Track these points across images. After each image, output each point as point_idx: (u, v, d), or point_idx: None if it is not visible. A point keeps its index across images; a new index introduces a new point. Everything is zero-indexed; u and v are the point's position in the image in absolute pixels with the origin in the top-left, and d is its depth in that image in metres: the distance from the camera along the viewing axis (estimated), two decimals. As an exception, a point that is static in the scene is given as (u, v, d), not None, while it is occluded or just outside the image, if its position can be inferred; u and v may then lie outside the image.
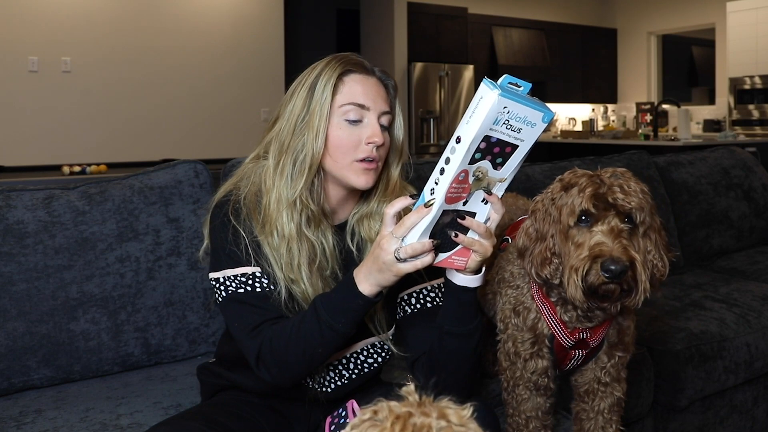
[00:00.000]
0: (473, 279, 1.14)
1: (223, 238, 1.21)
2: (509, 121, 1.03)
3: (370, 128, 1.21)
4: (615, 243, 1.10)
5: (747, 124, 7.47)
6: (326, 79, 1.20)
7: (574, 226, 1.15)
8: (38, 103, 5.64)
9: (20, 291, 1.50)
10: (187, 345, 1.69)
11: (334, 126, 1.20)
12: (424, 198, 1.07)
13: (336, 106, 1.20)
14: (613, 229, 1.12)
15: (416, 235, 1.06)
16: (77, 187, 1.66)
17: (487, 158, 1.05)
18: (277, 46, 6.76)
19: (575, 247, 1.14)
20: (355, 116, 1.20)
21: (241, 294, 1.19)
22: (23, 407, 1.45)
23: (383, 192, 1.29)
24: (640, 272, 1.10)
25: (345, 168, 1.21)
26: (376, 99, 1.22)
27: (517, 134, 1.04)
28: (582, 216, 1.14)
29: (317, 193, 1.24)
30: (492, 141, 1.03)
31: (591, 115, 9.09)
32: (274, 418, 1.28)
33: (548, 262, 1.19)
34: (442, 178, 1.04)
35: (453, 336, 1.16)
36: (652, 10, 8.87)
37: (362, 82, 1.22)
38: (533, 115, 1.04)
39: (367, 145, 1.20)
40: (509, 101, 1.01)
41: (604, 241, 1.11)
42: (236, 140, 6.40)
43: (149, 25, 6.11)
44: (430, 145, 7.35)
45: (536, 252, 1.21)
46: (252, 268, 1.20)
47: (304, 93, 1.22)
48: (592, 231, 1.13)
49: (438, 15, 7.58)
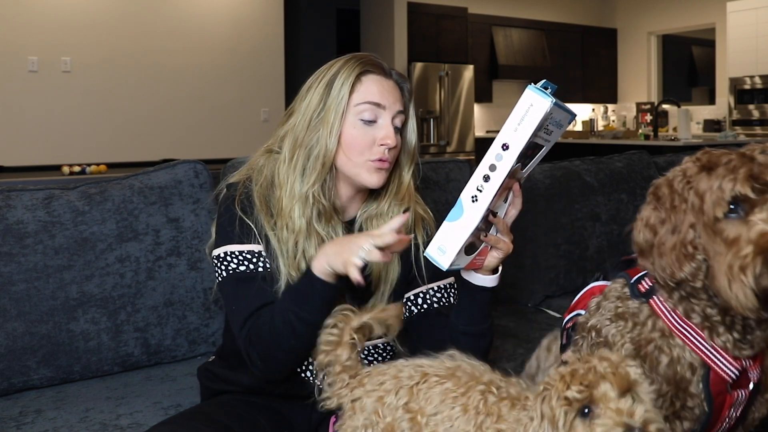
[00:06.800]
0: (491, 279, 1.15)
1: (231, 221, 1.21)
2: (548, 126, 1.03)
3: (384, 129, 1.21)
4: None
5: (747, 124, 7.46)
6: (344, 77, 1.21)
7: (723, 219, 0.91)
8: (38, 103, 5.64)
9: (20, 291, 1.50)
10: (187, 345, 1.69)
11: (348, 124, 1.21)
12: (461, 204, 1.04)
13: (352, 104, 1.21)
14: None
15: (460, 242, 1.03)
16: (77, 187, 1.66)
17: (522, 161, 1.06)
18: (277, 46, 6.76)
19: (728, 245, 0.90)
20: (370, 116, 1.21)
21: (242, 273, 1.19)
22: (23, 407, 1.44)
23: (394, 194, 1.30)
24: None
25: (357, 166, 1.21)
26: (391, 100, 1.23)
27: (548, 136, 1.06)
28: (733, 204, 0.91)
29: (329, 189, 1.24)
30: (529, 144, 1.03)
31: (591, 115, 9.09)
32: (275, 418, 1.28)
33: (689, 258, 0.94)
34: (487, 185, 1.02)
35: (467, 335, 1.17)
36: (652, 10, 8.86)
37: (379, 83, 1.23)
38: (564, 117, 1.05)
39: (380, 146, 1.21)
40: (554, 108, 1.01)
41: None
42: (236, 140, 6.40)
43: (149, 25, 6.11)
44: (430, 145, 7.34)
45: (668, 246, 0.95)
46: (258, 246, 1.20)
47: (321, 89, 1.22)
48: (749, 221, 0.89)
49: (438, 15, 7.58)
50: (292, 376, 1.25)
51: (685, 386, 0.98)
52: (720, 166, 0.93)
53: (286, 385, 1.26)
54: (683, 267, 0.94)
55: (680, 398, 0.98)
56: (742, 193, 0.89)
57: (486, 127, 8.49)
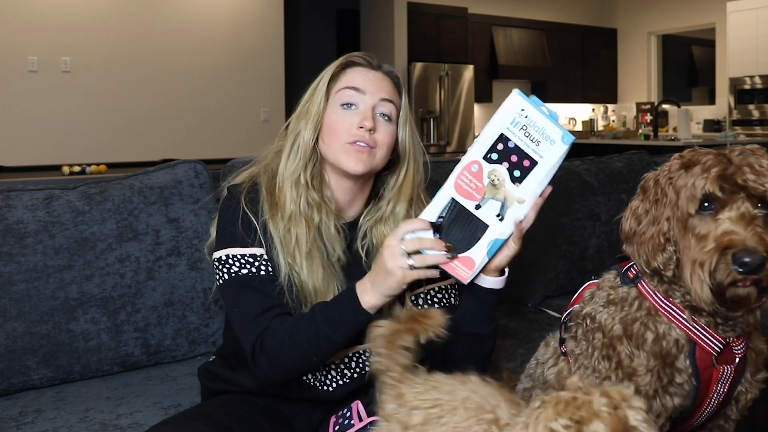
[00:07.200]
0: (499, 281, 1.15)
1: (233, 220, 1.22)
2: (527, 128, 1.06)
3: (362, 113, 1.23)
4: (748, 230, 0.91)
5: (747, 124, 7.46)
6: (330, 69, 1.27)
7: (696, 215, 0.97)
8: (38, 103, 5.64)
9: (20, 291, 1.50)
10: (187, 345, 1.69)
11: (329, 111, 1.25)
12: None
13: (333, 91, 1.26)
14: (744, 216, 0.93)
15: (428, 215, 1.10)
16: (77, 187, 1.66)
17: (504, 164, 1.07)
18: (277, 46, 6.75)
19: (697, 240, 0.95)
20: (348, 99, 1.24)
21: (244, 276, 1.19)
22: (23, 407, 1.44)
23: (395, 194, 1.30)
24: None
25: (337, 150, 1.23)
26: (373, 88, 1.25)
27: (536, 146, 1.07)
28: (705, 201, 0.96)
29: (318, 180, 1.26)
30: (509, 146, 1.07)
31: (591, 115, 9.09)
32: (275, 418, 1.28)
33: (661, 248, 1.01)
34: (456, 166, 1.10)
35: (473, 337, 1.17)
36: (652, 10, 8.86)
37: (362, 73, 1.27)
38: (552, 130, 1.07)
39: (359, 129, 1.22)
40: (527, 104, 1.06)
41: (734, 229, 0.92)
42: (236, 140, 6.39)
43: (149, 25, 6.11)
44: (431, 145, 7.34)
45: (647, 236, 1.03)
46: (260, 249, 1.21)
47: (312, 86, 1.28)
48: (717, 219, 0.95)
49: (438, 15, 7.58)
50: (295, 379, 1.25)
51: (671, 361, 1.03)
52: (698, 164, 0.98)
53: (287, 386, 1.26)
54: (656, 257, 1.01)
55: (667, 374, 1.03)
56: (711, 191, 0.95)
57: (486, 127, 8.48)
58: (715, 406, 1.09)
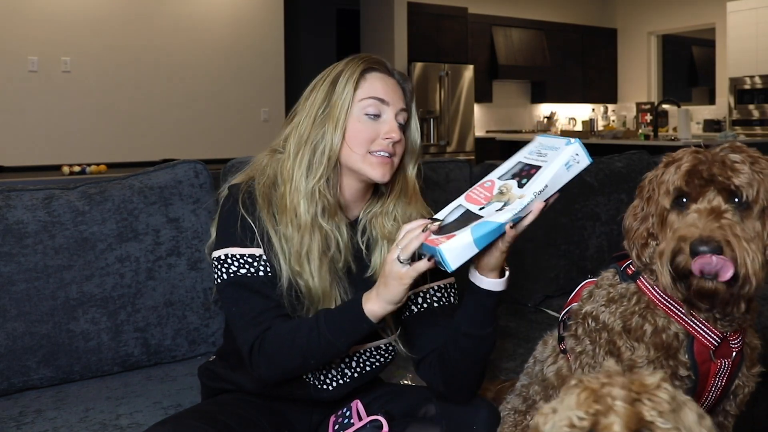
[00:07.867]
0: (498, 283, 1.15)
1: (233, 220, 1.22)
2: (540, 150, 1.13)
3: (388, 124, 1.24)
4: (707, 222, 0.94)
5: (747, 124, 7.46)
6: (349, 74, 1.25)
7: (671, 210, 1.02)
8: (38, 103, 5.63)
9: (20, 291, 1.50)
10: (187, 345, 1.69)
11: (353, 119, 1.24)
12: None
13: (357, 99, 1.24)
14: (713, 210, 0.96)
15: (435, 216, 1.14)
16: (77, 187, 1.66)
17: (515, 179, 1.12)
18: (277, 46, 6.75)
19: (670, 232, 1.00)
20: (374, 110, 1.24)
21: (243, 276, 1.19)
22: (23, 407, 1.44)
23: (399, 193, 1.31)
24: (741, 253, 0.92)
25: (362, 160, 1.23)
26: (394, 97, 1.26)
27: (544, 158, 1.11)
28: (679, 196, 1.01)
29: (333, 185, 1.26)
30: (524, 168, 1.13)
31: (591, 115, 9.09)
32: (275, 418, 1.28)
33: (646, 244, 1.07)
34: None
35: (470, 338, 1.17)
36: (652, 10, 8.86)
37: (383, 80, 1.27)
38: (558, 142, 1.11)
39: (384, 139, 1.23)
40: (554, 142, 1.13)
41: (696, 221, 0.95)
42: (236, 140, 6.39)
43: (149, 25, 6.11)
44: (430, 145, 7.34)
45: (639, 232, 1.08)
46: (258, 250, 1.21)
47: (325, 87, 1.26)
48: (686, 213, 0.99)
49: (438, 15, 7.58)
50: (294, 379, 1.25)
51: (674, 353, 1.05)
52: (676, 161, 1.03)
53: (286, 386, 1.26)
54: (644, 252, 1.07)
55: (671, 365, 1.05)
56: (679, 186, 0.99)
57: (486, 127, 8.49)
58: (712, 400, 1.11)
